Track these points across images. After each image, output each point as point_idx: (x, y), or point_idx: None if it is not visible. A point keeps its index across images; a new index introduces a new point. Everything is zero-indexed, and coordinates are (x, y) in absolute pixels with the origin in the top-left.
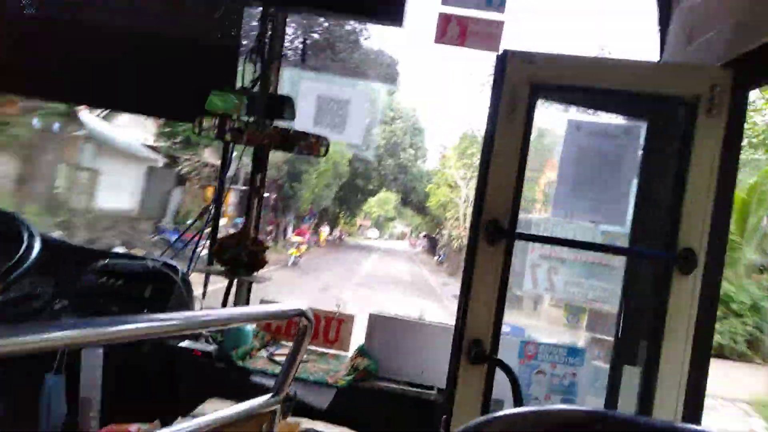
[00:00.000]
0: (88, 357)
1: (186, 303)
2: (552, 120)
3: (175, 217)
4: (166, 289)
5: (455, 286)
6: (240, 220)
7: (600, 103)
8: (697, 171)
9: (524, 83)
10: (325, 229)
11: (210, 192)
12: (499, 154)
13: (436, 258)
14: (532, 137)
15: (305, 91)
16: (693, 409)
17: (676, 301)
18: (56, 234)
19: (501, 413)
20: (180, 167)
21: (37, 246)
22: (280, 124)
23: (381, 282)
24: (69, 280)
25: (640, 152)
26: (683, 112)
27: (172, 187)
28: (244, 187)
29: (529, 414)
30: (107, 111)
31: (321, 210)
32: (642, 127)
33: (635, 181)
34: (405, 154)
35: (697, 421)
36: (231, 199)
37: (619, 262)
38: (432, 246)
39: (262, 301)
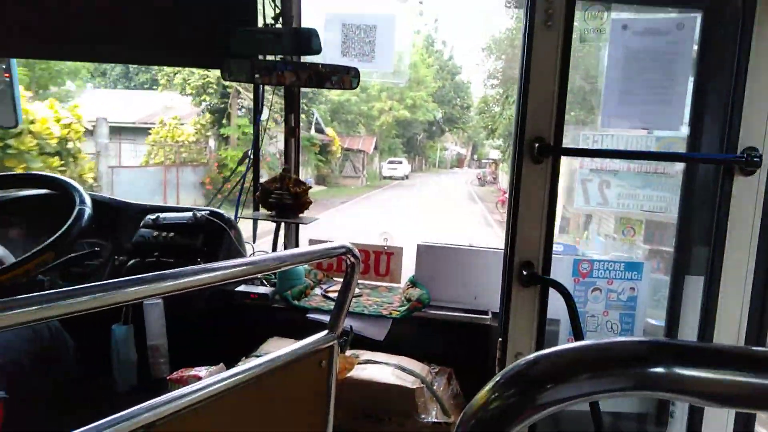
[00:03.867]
0: (149, 308)
1: (237, 249)
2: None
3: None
4: (216, 237)
5: None
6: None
7: None
8: (758, 62)
9: None
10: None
11: None
12: (538, 67)
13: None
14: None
15: (329, 20)
16: (758, 316)
17: (738, 205)
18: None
19: (547, 351)
20: None
21: (88, 208)
22: (308, 59)
23: None
24: (124, 237)
25: (695, 48)
26: None
27: None
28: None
29: (581, 348)
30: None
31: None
32: (696, 19)
33: (691, 81)
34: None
35: (762, 329)
36: None
37: (677, 168)
38: None
39: (310, 241)
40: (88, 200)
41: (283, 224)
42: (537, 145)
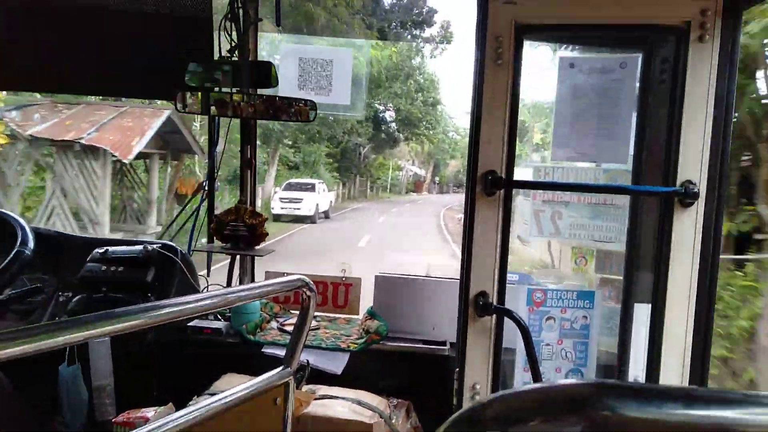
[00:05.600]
0: (96, 346)
1: (190, 283)
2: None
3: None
4: (168, 271)
5: None
6: None
7: (591, 39)
8: (692, 101)
9: (507, 26)
10: None
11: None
12: (489, 102)
13: None
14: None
15: (286, 54)
16: (702, 337)
17: (680, 234)
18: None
19: (498, 394)
20: None
21: (28, 250)
22: (264, 92)
23: None
24: (70, 271)
25: (637, 86)
26: (675, 40)
27: None
28: None
29: (530, 392)
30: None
31: None
32: (637, 59)
33: (634, 117)
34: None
35: (706, 347)
36: None
37: (623, 200)
38: None
39: (267, 274)
40: (30, 238)
41: (238, 257)
42: (489, 177)
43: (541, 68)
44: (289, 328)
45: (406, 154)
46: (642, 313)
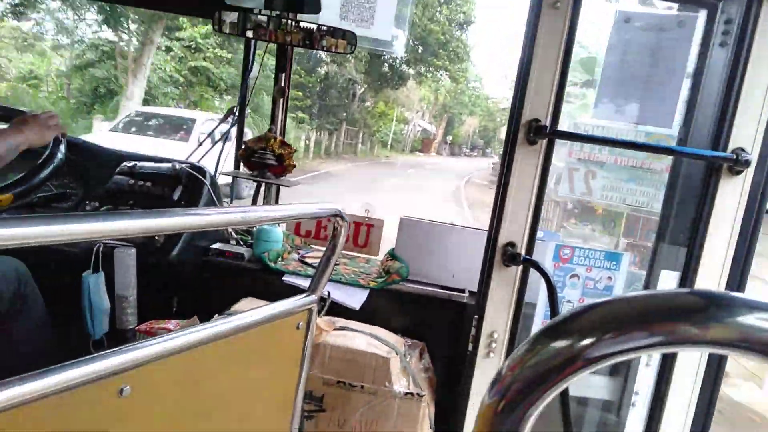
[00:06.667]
0: (120, 256)
1: (215, 204)
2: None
3: None
4: (195, 191)
5: None
6: None
7: None
8: (757, 66)
9: None
10: None
11: None
12: (541, 49)
13: None
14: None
15: None
16: None
17: (722, 204)
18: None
19: (609, 298)
20: None
21: (60, 153)
22: (305, 18)
23: None
24: (98, 182)
25: (696, 47)
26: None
27: None
28: None
29: (636, 298)
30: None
31: None
32: (695, 19)
33: (686, 80)
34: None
35: None
36: None
37: (662, 165)
38: None
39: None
40: (63, 144)
41: (263, 186)
42: (533, 125)
43: (591, 20)
44: (310, 261)
45: (416, 103)
46: (668, 280)
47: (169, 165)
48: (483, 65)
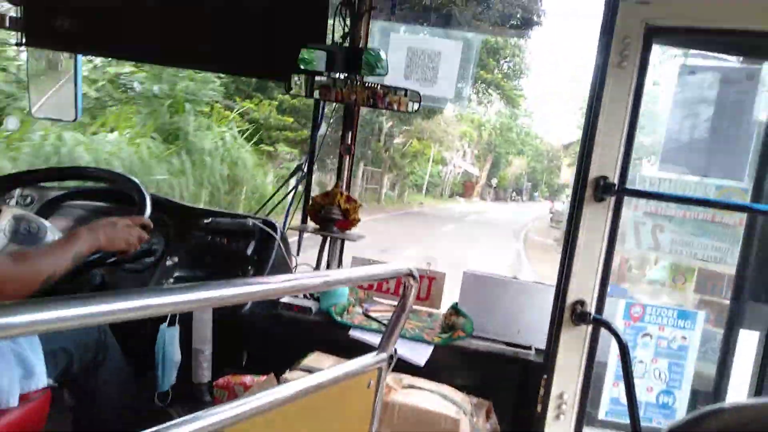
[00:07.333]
0: (198, 312)
1: (285, 259)
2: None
3: None
4: (267, 246)
5: None
6: None
7: (719, 46)
8: None
9: (637, 27)
10: None
11: None
12: (608, 107)
13: None
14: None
15: (395, 44)
16: None
17: None
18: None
19: (716, 406)
20: None
21: (149, 206)
22: (372, 79)
23: None
24: (178, 238)
25: (766, 97)
26: None
27: None
28: None
29: (752, 407)
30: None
31: None
32: (763, 69)
33: (755, 132)
34: None
35: None
36: None
37: (734, 219)
38: None
39: (354, 259)
40: (148, 202)
41: (328, 239)
42: (601, 183)
43: (656, 74)
44: (375, 315)
45: (456, 140)
46: (748, 340)
47: (242, 221)
48: (534, 95)
